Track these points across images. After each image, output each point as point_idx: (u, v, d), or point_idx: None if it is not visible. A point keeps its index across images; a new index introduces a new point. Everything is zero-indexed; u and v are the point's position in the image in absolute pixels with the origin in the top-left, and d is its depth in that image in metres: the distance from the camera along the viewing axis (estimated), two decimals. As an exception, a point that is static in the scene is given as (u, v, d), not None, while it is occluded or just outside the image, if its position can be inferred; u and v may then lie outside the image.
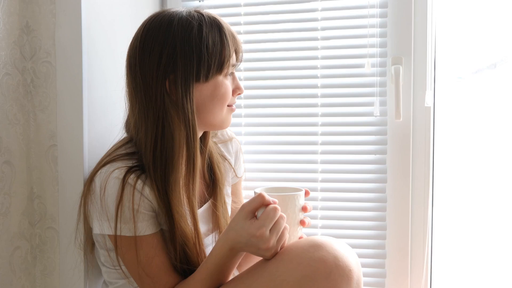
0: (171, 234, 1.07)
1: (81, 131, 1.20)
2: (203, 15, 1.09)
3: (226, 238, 1.02)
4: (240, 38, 1.26)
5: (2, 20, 1.15)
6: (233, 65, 1.13)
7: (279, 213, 0.99)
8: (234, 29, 1.15)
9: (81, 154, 1.20)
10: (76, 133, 1.20)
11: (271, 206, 0.99)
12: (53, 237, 1.25)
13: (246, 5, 1.49)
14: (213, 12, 1.12)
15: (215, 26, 1.08)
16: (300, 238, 1.08)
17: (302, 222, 1.07)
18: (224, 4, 1.51)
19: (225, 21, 1.12)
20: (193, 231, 1.09)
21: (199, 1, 1.53)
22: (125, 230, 1.04)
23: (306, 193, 1.09)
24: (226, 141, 1.31)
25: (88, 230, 1.15)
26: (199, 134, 1.14)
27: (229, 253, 1.02)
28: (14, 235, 1.20)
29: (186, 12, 1.09)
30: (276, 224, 0.99)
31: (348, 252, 1.03)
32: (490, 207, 1.46)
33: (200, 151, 1.16)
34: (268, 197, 1.00)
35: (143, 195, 1.05)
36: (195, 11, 1.10)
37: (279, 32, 1.47)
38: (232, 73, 1.14)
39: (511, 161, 1.43)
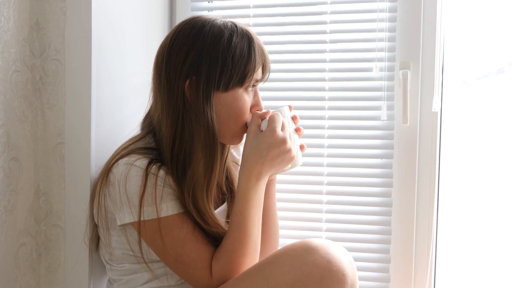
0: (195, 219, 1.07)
1: (89, 129, 1.21)
2: (236, 26, 1.10)
3: (247, 167, 1.05)
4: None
5: (13, 17, 1.16)
6: (257, 81, 1.12)
7: (281, 117, 1.08)
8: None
9: (88, 152, 1.20)
10: (83, 131, 1.21)
11: (271, 113, 1.08)
12: (59, 235, 1.25)
13: (255, 6, 1.49)
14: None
15: (246, 38, 1.09)
16: (301, 146, 1.16)
17: (297, 129, 1.16)
18: (233, 5, 1.51)
19: (258, 37, 1.12)
20: (216, 224, 1.09)
21: (208, 2, 1.53)
22: (151, 214, 1.04)
23: (290, 108, 1.16)
24: (237, 145, 1.31)
25: (94, 227, 1.16)
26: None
27: (256, 183, 1.06)
28: (20, 232, 1.20)
29: (220, 20, 1.10)
30: (284, 125, 1.08)
31: (342, 256, 1.03)
32: (496, 213, 1.46)
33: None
34: (261, 111, 1.10)
35: (166, 182, 1.05)
36: (230, 21, 1.11)
37: (287, 34, 1.47)
38: (255, 88, 1.13)
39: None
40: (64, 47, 1.22)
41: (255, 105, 1.13)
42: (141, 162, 1.05)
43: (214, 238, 1.09)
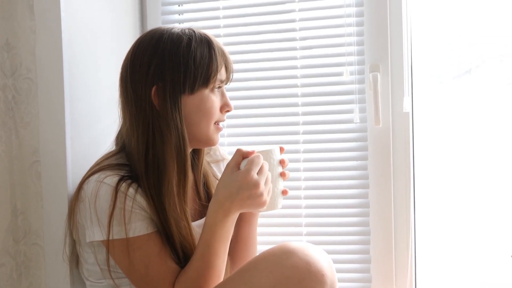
0: (168, 236, 1.08)
1: (64, 146, 1.21)
2: (194, 31, 1.12)
3: (217, 201, 1.04)
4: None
5: (-18, 38, 1.16)
6: (221, 81, 1.14)
7: (262, 160, 1.04)
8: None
9: (64, 169, 1.20)
10: (59, 148, 1.21)
11: (254, 154, 1.05)
12: (38, 253, 1.24)
13: (225, 17, 1.50)
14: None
15: (205, 41, 1.11)
16: (283, 191, 1.12)
17: (282, 174, 1.11)
18: (204, 17, 1.52)
19: (217, 39, 1.14)
20: (189, 235, 1.10)
21: (179, 14, 1.55)
22: (119, 233, 1.04)
23: (281, 149, 1.13)
24: (219, 161, 1.32)
25: (73, 244, 1.15)
26: (189, 147, 1.15)
27: (223, 218, 1.04)
28: (-1, 253, 1.19)
29: (178, 28, 1.13)
30: (262, 168, 1.04)
31: (321, 257, 1.05)
32: (471, 208, 1.49)
33: (194, 166, 1.19)
34: (246, 149, 1.06)
35: (136, 200, 1.06)
36: (188, 28, 1.13)
37: (258, 43, 1.49)
38: (221, 90, 1.15)
39: (489, 163, 1.46)
40: (36, 66, 1.22)
41: (224, 105, 1.15)
42: (111, 179, 1.05)
43: (178, 257, 1.09)
